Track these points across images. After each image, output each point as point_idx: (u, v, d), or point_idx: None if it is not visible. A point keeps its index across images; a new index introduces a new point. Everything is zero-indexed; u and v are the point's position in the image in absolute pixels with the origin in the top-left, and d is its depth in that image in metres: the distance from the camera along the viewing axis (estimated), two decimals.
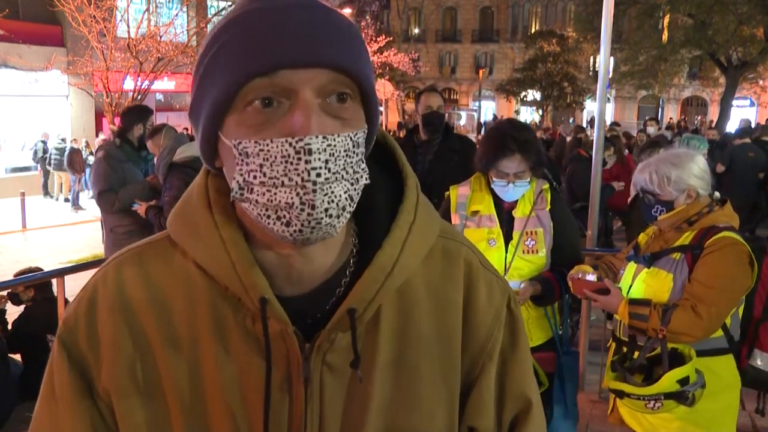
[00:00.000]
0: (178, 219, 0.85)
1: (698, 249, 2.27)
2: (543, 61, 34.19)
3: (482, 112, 40.27)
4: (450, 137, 4.15)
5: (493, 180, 2.56)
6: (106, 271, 0.86)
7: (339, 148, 0.72)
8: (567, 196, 6.17)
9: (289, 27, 0.71)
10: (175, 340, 0.82)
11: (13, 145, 17.99)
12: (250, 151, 0.72)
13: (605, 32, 4.17)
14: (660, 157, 2.42)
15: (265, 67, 0.70)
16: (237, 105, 0.73)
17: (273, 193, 0.72)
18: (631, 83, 26.96)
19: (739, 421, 4.02)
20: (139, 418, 0.82)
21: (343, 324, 0.79)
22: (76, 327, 0.83)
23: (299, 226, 0.72)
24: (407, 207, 0.84)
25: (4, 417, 3.90)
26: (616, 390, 2.33)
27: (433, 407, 0.85)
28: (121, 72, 10.59)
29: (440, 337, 0.86)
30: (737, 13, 21.03)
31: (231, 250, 0.78)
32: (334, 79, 0.73)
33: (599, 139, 4.38)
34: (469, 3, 45.26)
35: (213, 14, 13.22)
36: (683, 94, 38.24)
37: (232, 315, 0.81)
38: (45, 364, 0.87)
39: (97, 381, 0.83)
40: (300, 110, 0.71)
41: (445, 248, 0.89)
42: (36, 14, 16.63)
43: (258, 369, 0.80)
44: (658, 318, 2.22)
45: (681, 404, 2.18)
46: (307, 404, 0.80)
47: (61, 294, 3.95)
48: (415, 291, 0.85)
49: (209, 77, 0.75)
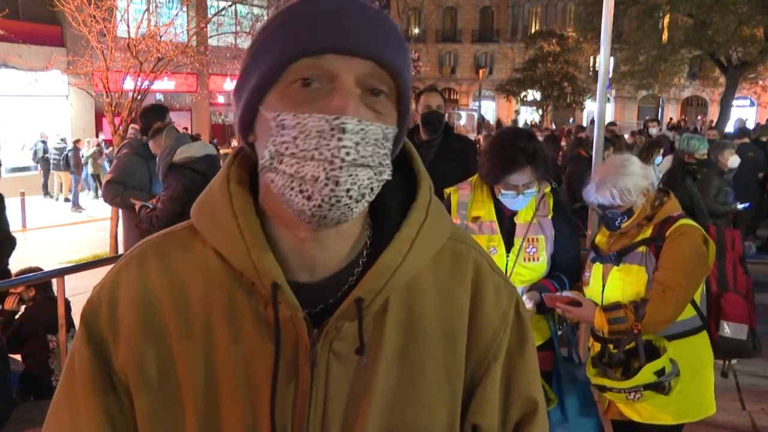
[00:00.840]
0: (200, 208, 0.89)
1: (660, 240, 2.43)
2: (543, 61, 34.21)
3: (482, 112, 40.29)
4: (450, 137, 4.15)
5: (502, 192, 2.52)
6: (130, 258, 0.90)
7: (371, 135, 0.77)
8: (567, 196, 6.17)
9: (341, 17, 0.77)
10: (191, 326, 0.85)
11: (13, 145, 18.00)
12: (287, 123, 0.76)
13: (605, 32, 4.17)
14: (607, 174, 2.51)
15: (313, 49, 0.76)
16: (281, 82, 0.78)
17: (301, 166, 0.75)
18: (631, 83, 26.95)
19: (739, 420, 4.04)
20: (154, 402, 0.85)
21: (350, 313, 0.82)
22: (98, 307, 0.88)
23: (319, 201, 0.75)
24: (419, 206, 0.87)
25: (4, 417, 3.90)
26: (598, 385, 2.45)
27: (434, 402, 0.87)
28: (121, 72, 10.58)
29: (446, 335, 0.88)
30: (737, 13, 21.02)
31: (247, 237, 0.82)
32: (375, 72, 0.78)
33: (599, 139, 4.38)
34: (469, 3, 45.27)
35: (213, 14, 13.21)
36: (683, 94, 38.25)
37: (246, 300, 0.84)
38: (45, 364, 0.89)
39: (115, 360, 0.86)
40: (340, 93, 0.76)
41: (455, 250, 0.92)
42: (36, 14, 16.64)
43: (267, 352, 0.82)
44: (633, 315, 2.35)
45: (659, 393, 2.32)
46: (312, 388, 0.83)
47: (61, 294, 3.95)
48: (423, 289, 0.88)
49: (260, 54, 0.80)
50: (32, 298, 4.56)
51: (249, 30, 14.38)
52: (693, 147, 5.77)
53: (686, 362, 2.39)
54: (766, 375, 4.72)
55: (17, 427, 3.92)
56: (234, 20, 15.23)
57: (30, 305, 4.57)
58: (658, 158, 6.94)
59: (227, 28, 14.59)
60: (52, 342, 4.34)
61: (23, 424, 3.96)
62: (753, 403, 4.25)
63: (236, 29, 14.87)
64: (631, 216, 2.49)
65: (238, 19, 15.48)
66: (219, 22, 13.81)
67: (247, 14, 16.34)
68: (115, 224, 9.84)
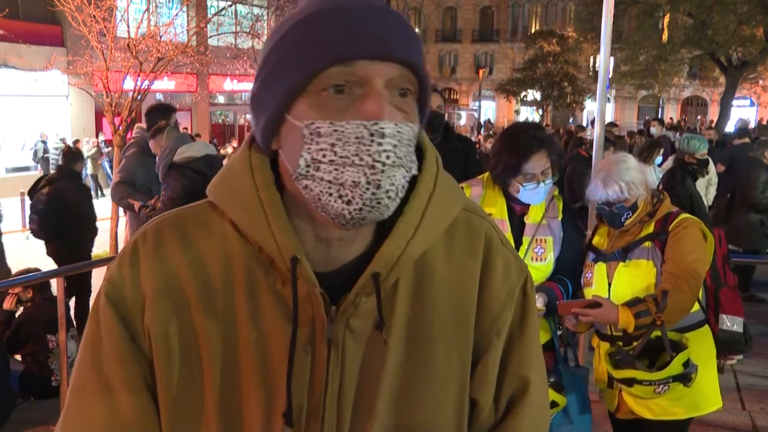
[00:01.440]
0: (219, 184, 0.89)
1: (663, 234, 2.48)
2: (543, 60, 34.19)
3: (482, 112, 40.29)
4: (450, 137, 4.14)
5: (523, 185, 2.47)
6: (145, 233, 0.89)
7: (405, 136, 0.79)
8: (567, 196, 6.16)
9: (367, 23, 0.79)
10: (211, 301, 0.85)
11: (13, 145, 18.00)
12: (323, 131, 0.77)
13: (605, 32, 4.17)
14: (610, 170, 2.54)
15: (345, 56, 0.77)
16: (311, 90, 0.79)
17: (340, 172, 0.77)
18: (631, 83, 26.97)
19: (740, 420, 4.03)
20: (175, 375, 0.85)
21: (367, 288, 0.84)
22: (121, 283, 0.87)
23: (361, 205, 0.77)
24: (426, 177, 0.87)
25: (4, 417, 3.90)
26: (625, 379, 2.41)
27: (446, 376, 0.89)
28: (121, 72, 10.57)
29: (456, 310, 0.90)
30: (737, 13, 21.02)
31: (268, 211, 0.82)
32: (402, 74, 0.80)
33: (599, 138, 4.37)
34: (469, 3, 45.26)
35: (213, 14, 13.21)
36: (683, 94, 38.26)
37: (264, 277, 0.85)
38: (45, 365, 0.88)
39: (141, 335, 0.86)
40: (373, 98, 0.77)
41: (468, 221, 0.93)
42: (36, 14, 16.64)
43: (285, 329, 0.83)
44: (655, 307, 2.35)
45: (684, 385, 2.34)
46: (329, 365, 0.84)
47: (61, 294, 3.95)
48: (433, 265, 0.89)
49: (284, 66, 0.80)
50: (31, 298, 4.56)
51: (249, 30, 14.38)
52: (693, 147, 5.78)
53: (696, 355, 2.41)
54: (766, 375, 4.73)
55: (17, 427, 3.93)
56: (234, 20, 15.21)
57: (29, 306, 4.58)
58: (658, 158, 6.94)
59: (227, 28, 14.57)
60: (51, 342, 4.34)
61: (23, 424, 3.96)
62: (753, 403, 4.25)
63: (236, 29, 14.85)
64: (636, 211, 2.51)
65: (238, 19, 15.47)
66: (219, 22, 13.81)
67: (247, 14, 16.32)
68: (115, 224, 9.83)
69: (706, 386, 2.51)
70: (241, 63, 15.78)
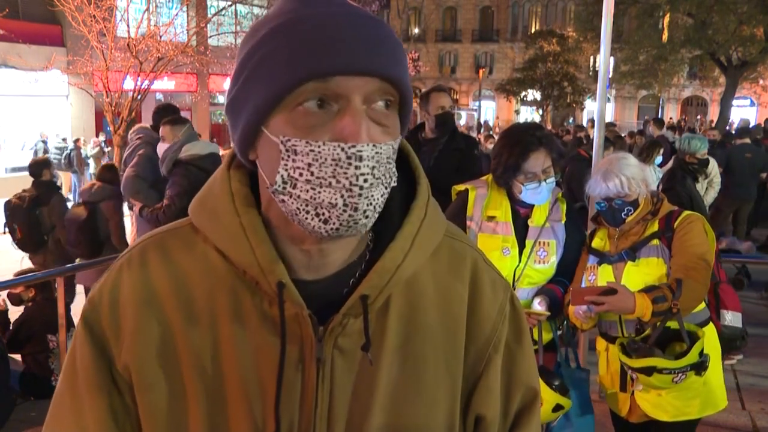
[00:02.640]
0: (199, 206, 0.89)
1: (669, 232, 2.50)
2: (543, 60, 34.16)
3: (482, 111, 40.29)
4: (456, 136, 4.15)
5: (524, 185, 2.48)
6: (131, 256, 0.90)
7: (383, 155, 0.77)
8: (566, 196, 6.15)
9: (345, 35, 0.75)
10: (195, 324, 0.85)
11: (13, 145, 17.99)
12: (299, 150, 0.76)
13: (605, 32, 4.17)
14: (610, 165, 2.56)
15: (322, 72, 0.74)
16: (286, 104, 0.76)
17: (317, 192, 0.75)
18: (631, 83, 26.99)
19: (740, 420, 4.03)
20: (159, 399, 0.85)
21: (355, 309, 0.83)
22: (99, 305, 0.87)
23: (337, 225, 0.76)
24: (419, 204, 0.89)
25: (4, 417, 3.90)
26: (644, 368, 2.33)
27: (436, 393, 0.89)
28: (121, 72, 10.58)
29: (445, 328, 0.90)
30: (737, 13, 21.03)
31: (250, 236, 0.82)
32: (381, 87, 0.77)
33: (599, 138, 4.37)
34: (469, 2, 45.26)
35: (213, 14, 13.22)
36: (683, 94, 38.26)
37: (250, 298, 0.84)
38: (45, 365, 0.88)
39: (117, 359, 0.86)
40: (351, 116, 0.75)
41: (452, 247, 0.95)
42: (36, 14, 16.63)
43: (273, 350, 0.83)
44: (671, 294, 2.35)
45: (697, 374, 2.33)
46: (318, 384, 0.84)
47: (61, 294, 3.96)
48: (423, 284, 0.90)
49: (259, 75, 0.78)
50: (32, 298, 4.56)
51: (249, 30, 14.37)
52: (694, 147, 5.78)
53: (705, 352, 2.39)
54: (766, 375, 4.73)
55: (17, 427, 3.93)
56: (234, 20, 15.23)
57: (30, 306, 4.58)
58: (658, 158, 6.94)
59: (227, 27, 14.60)
60: (52, 342, 4.34)
61: (23, 424, 3.96)
62: (753, 403, 4.25)
63: (236, 29, 14.87)
64: (637, 209, 2.52)
65: (238, 19, 15.49)
66: (219, 22, 13.83)
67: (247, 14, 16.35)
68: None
69: (716, 384, 2.52)
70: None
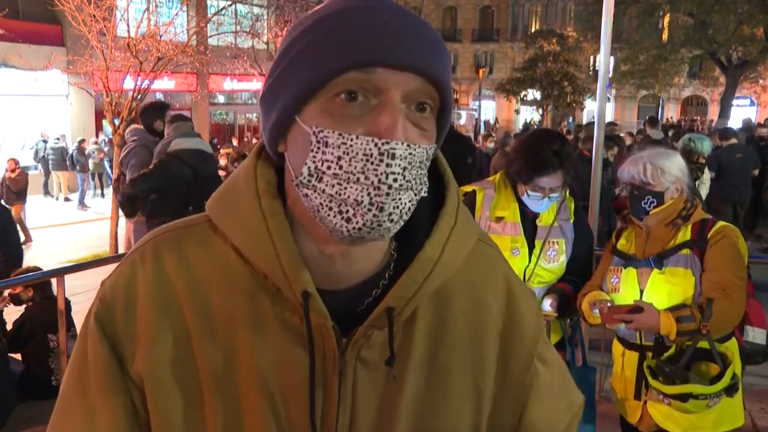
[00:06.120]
0: (221, 203, 0.84)
1: (702, 242, 2.37)
2: (543, 60, 34.12)
3: (482, 111, 40.26)
4: (455, 136, 4.16)
5: (528, 193, 2.50)
6: (143, 252, 0.85)
7: (417, 158, 0.73)
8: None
9: (390, 28, 0.73)
10: (212, 328, 0.81)
11: (13, 145, 17.97)
12: (330, 142, 0.72)
13: (605, 31, 4.17)
14: (650, 152, 2.49)
15: (364, 62, 0.71)
16: (324, 94, 0.73)
17: (343, 187, 0.72)
18: (631, 83, 26.97)
19: None
20: (173, 404, 0.81)
21: (380, 321, 0.80)
22: (113, 305, 0.83)
23: (360, 224, 0.72)
24: (449, 211, 0.85)
25: (4, 417, 3.90)
26: (680, 394, 2.27)
27: (462, 406, 0.87)
28: (121, 71, 10.56)
29: (473, 339, 0.88)
30: (737, 13, 21.02)
31: (277, 242, 0.78)
32: (422, 87, 0.74)
33: (599, 138, 4.37)
34: (469, 2, 45.25)
35: (213, 14, 13.21)
36: (683, 94, 38.23)
37: (271, 305, 0.81)
38: (45, 364, 0.87)
39: (130, 362, 0.82)
40: (388, 112, 0.72)
41: (485, 253, 0.92)
42: (36, 14, 16.62)
43: (295, 360, 0.80)
44: (700, 315, 2.27)
45: (728, 396, 2.27)
46: (340, 397, 0.81)
47: (61, 294, 3.95)
48: (452, 292, 0.87)
49: (301, 61, 0.75)
50: (32, 298, 4.56)
51: (249, 29, 14.38)
52: (706, 148, 5.78)
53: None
54: (766, 375, 4.72)
55: (17, 427, 3.92)
56: (234, 20, 15.22)
57: (30, 305, 4.57)
58: None
59: (227, 27, 14.59)
60: (52, 342, 4.34)
61: (23, 424, 3.96)
62: (753, 403, 4.25)
63: (236, 29, 14.87)
64: (661, 204, 2.40)
65: (238, 18, 15.49)
66: (219, 22, 13.81)
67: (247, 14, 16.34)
68: (115, 223, 9.83)
69: (735, 401, 2.41)
70: (241, 62, 15.80)
